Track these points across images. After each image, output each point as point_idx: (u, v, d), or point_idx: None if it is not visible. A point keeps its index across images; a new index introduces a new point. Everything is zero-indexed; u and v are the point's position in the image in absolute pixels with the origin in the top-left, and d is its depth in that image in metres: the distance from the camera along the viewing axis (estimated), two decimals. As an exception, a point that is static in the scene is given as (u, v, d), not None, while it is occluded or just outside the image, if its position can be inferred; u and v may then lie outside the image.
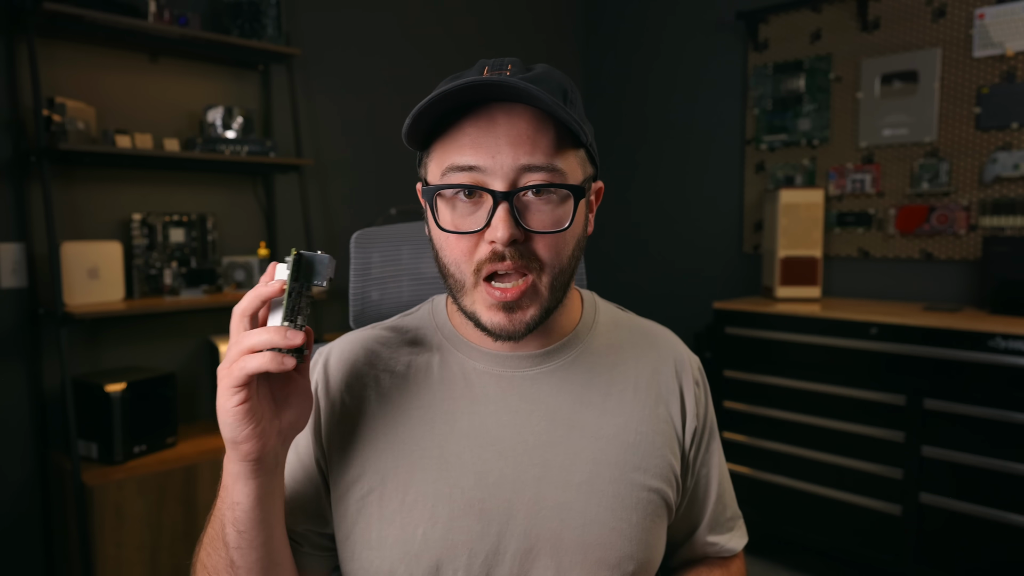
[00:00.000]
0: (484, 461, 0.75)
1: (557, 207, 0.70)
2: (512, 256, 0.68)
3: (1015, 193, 2.45)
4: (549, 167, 0.68)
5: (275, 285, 0.64)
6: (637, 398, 0.80)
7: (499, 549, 0.73)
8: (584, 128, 0.70)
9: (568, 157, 0.71)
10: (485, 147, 0.68)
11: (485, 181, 0.68)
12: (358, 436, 0.77)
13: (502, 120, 0.68)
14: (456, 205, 0.71)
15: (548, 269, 0.71)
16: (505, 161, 0.67)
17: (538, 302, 0.71)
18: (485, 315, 0.71)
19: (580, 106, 0.75)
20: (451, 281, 0.73)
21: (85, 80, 2.14)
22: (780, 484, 2.50)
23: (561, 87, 0.71)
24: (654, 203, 3.49)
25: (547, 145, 0.68)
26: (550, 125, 0.69)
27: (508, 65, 0.71)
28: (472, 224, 0.70)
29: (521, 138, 0.68)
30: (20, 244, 2.04)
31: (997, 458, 2.05)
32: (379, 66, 2.87)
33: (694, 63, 3.30)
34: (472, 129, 0.68)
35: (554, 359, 0.79)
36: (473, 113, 0.69)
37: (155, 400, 2.07)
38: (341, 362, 0.82)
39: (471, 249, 0.70)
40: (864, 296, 2.82)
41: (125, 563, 1.89)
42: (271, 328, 0.63)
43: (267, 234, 2.58)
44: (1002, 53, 2.44)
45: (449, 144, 0.70)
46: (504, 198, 0.67)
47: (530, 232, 0.69)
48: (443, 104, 0.67)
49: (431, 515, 0.73)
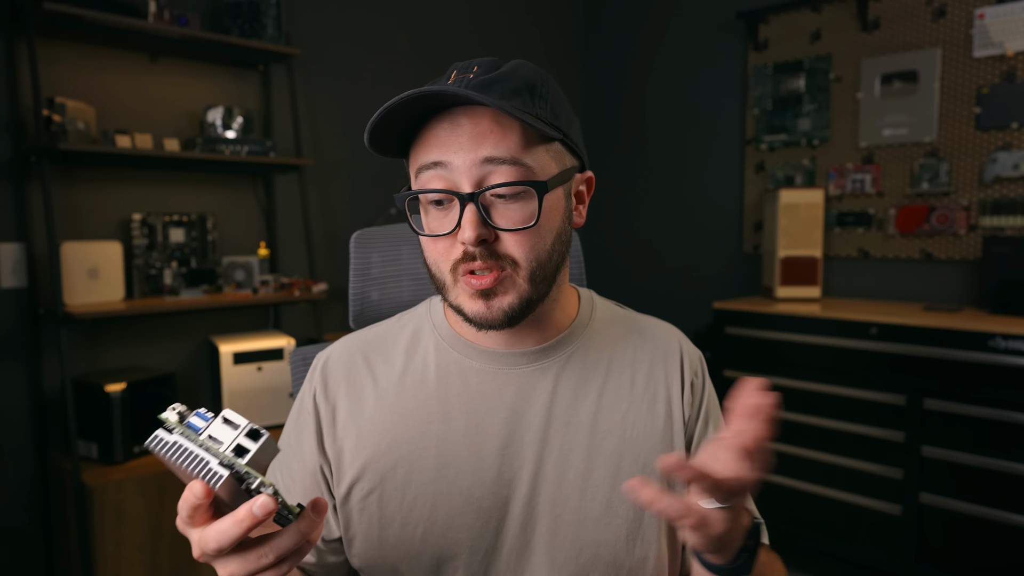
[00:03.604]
0: (481, 459, 0.75)
1: (525, 204, 0.70)
2: (482, 256, 0.69)
3: (1015, 193, 2.45)
4: (513, 160, 0.69)
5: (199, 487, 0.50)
6: (634, 394, 0.80)
7: (497, 545, 0.74)
8: (557, 120, 0.71)
9: (537, 152, 0.71)
10: (449, 144, 0.69)
11: (453, 180, 0.70)
12: (357, 438, 0.78)
13: (464, 121, 0.70)
14: (429, 210, 0.73)
15: (523, 264, 0.71)
16: (468, 157, 0.69)
17: (515, 291, 0.71)
18: (466, 305, 0.72)
19: (555, 99, 0.74)
20: (435, 281, 0.75)
21: (85, 80, 2.14)
22: (780, 484, 2.50)
23: (528, 83, 0.72)
24: (654, 203, 3.49)
25: (513, 141, 0.69)
26: (515, 122, 0.70)
27: (475, 67, 0.72)
28: (445, 226, 0.71)
29: (484, 134, 0.69)
30: (20, 244, 2.04)
31: (997, 458, 2.05)
32: (379, 66, 2.87)
33: (694, 63, 3.30)
34: (439, 130, 0.70)
35: (550, 356, 0.79)
36: (439, 116, 0.71)
37: (155, 400, 2.07)
38: (337, 366, 0.82)
39: (448, 249, 0.72)
40: (864, 296, 2.82)
41: (125, 563, 1.89)
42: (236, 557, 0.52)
43: (267, 234, 2.58)
44: (1002, 53, 2.44)
45: (419, 146, 0.73)
46: (470, 199, 0.68)
47: (499, 230, 0.70)
48: (401, 113, 0.69)
49: (430, 514, 0.74)
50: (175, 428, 0.52)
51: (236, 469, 0.50)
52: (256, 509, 0.48)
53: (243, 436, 0.51)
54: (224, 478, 0.49)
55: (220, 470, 0.49)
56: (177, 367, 2.34)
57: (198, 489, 0.50)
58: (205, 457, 0.50)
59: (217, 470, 0.49)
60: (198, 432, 0.51)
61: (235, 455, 0.50)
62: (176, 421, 0.52)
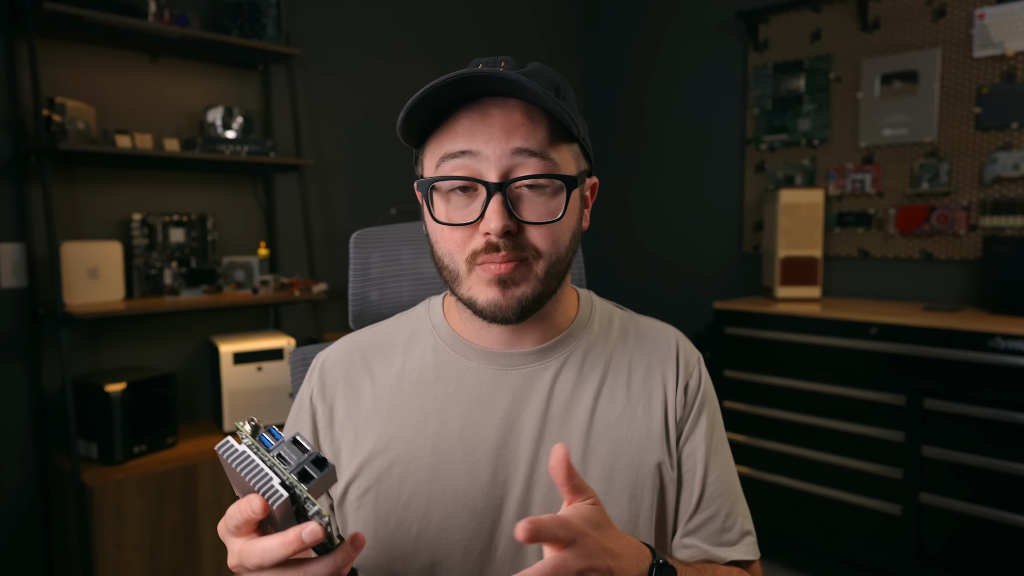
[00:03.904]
0: (477, 460, 0.75)
1: (551, 198, 0.70)
2: (506, 247, 0.69)
3: (1015, 193, 2.45)
4: (542, 154, 0.69)
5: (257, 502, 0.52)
6: (630, 396, 0.80)
7: (492, 547, 0.74)
8: (577, 122, 0.71)
9: (561, 150, 0.72)
10: (479, 134, 0.69)
11: (479, 170, 0.69)
12: (354, 438, 0.78)
13: (495, 111, 0.69)
14: (451, 198, 0.71)
15: (545, 256, 0.71)
16: (498, 147, 0.68)
17: (532, 281, 0.71)
18: (481, 294, 0.71)
19: (573, 103, 0.76)
20: (446, 273, 0.74)
21: (85, 80, 2.14)
22: (780, 484, 2.50)
23: (553, 83, 0.73)
24: (654, 203, 3.49)
25: (541, 136, 0.70)
26: (543, 118, 0.70)
27: (501, 62, 0.73)
28: (466, 216, 0.70)
29: (515, 126, 0.69)
30: (20, 244, 2.04)
31: (997, 458, 2.05)
32: (379, 66, 2.87)
33: (694, 63, 3.30)
34: (466, 120, 0.70)
35: (548, 357, 0.79)
36: (467, 107, 0.70)
37: (155, 400, 2.07)
38: (335, 367, 0.82)
39: (465, 240, 0.71)
40: (864, 296, 2.82)
41: (125, 563, 1.89)
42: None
43: (267, 234, 2.58)
44: (1002, 53, 2.44)
45: (443, 135, 0.71)
46: (497, 189, 0.68)
47: (523, 223, 0.70)
48: (437, 97, 0.68)
49: (425, 514, 0.74)
50: (246, 439, 0.55)
51: (296, 492, 0.52)
52: (306, 535, 0.50)
53: (309, 462, 0.54)
54: (284, 498, 0.52)
55: (281, 490, 0.52)
56: (177, 367, 2.34)
57: (256, 504, 0.52)
58: (269, 474, 0.52)
59: (278, 490, 0.52)
60: (268, 448, 0.54)
61: (299, 479, 0.53)
62: (249, 432, 0.55)
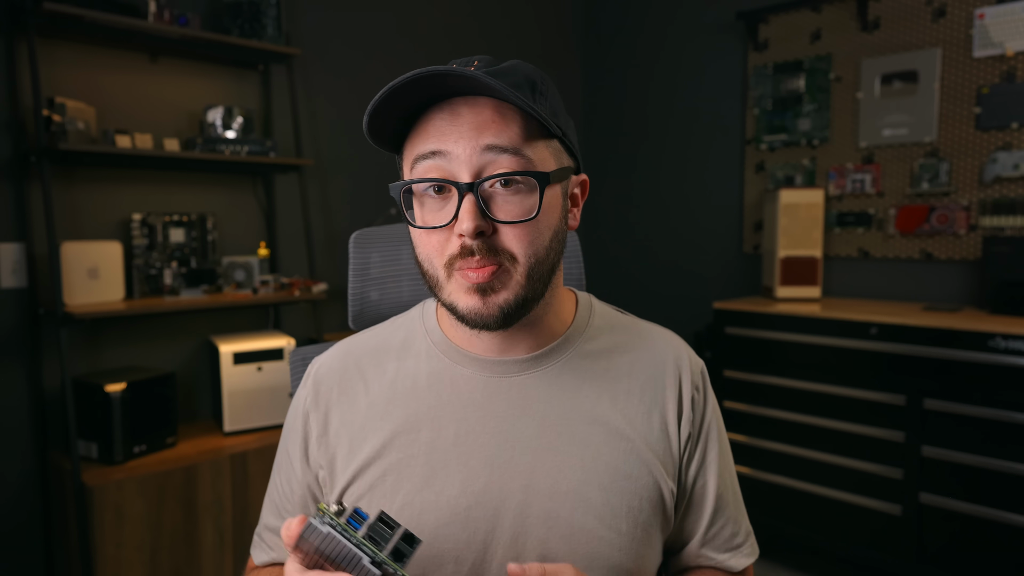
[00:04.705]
0: (470, 469, 0.73)
1: (526, 196, 0.69)
2: (480, 250, 0.67)
3: (1015, 193, 2.45)
4: (515, 151, 0.67)
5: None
6: (630, 403, 0.77)
7: (486, 558, 0.72)
8: (556, 119, 0.70)
9: (537, 146, 0.70)
10: (449, 134, 0.68)
11: (451, 170, 0.68)
12: (349, 445, 0.77)
13: (465, 110, 0.68)
14: (425, 201, 0.70)
15: (522, 260, 0.69)
16: (468, 145, 0.67)
17: (513, 287, 0.69)
18: (461, 301, 0.70)
19: (555, 99, 0.74)
20: (428, 279, 0.73)
21: (85, 80, 2.14)
22: (780, 484, 2.50)
23: (529, 79, 0.71)
24: (654, 203, 3.49)
25: (513, 132, 0.68)
26: (516, 114, 0.69)
27: (475, 62, 0.71)
28: (441, 219, 0.69)
29: (485, 123, 0.67)
30: (20, 244, 2.04)
31: (997, 458, 2.05)
32: (379, 66, 2.87)
33: (694, 63, 3.30)
34: (437, 120, 0.69)
35: (544, 363, 0.77)
36: (438, 107, 0.69)
37: (155, 400, 2.07)
38: (330, 374, 0.82)
39: (443, 244, 0.70)
40: (864, 296, 2.82)
41: (125, 563, 1.89)
42: None
43: (267, 234, 2.59)
44: (1002, 53, 2.44)
45: (416, 137, 0.70)
46: (469, 189, 0.66)
47: (497, 223, 0.68)
48: (401, 99, 0.67)
49: (417, 524, 0.72)
50: (329, 520, 0.58)
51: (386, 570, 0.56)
52: None
53: (399, 539, 0.58)
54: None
55: (372, 569, 0.56)
56: (177, 367, 2.34)
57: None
58: (358, 554, 0.56)
59: (369, 568, 0.56)
60: (356, 528, 0.58)
61: (393, 559, 0.57)
62: (333, 513, 0.58)
